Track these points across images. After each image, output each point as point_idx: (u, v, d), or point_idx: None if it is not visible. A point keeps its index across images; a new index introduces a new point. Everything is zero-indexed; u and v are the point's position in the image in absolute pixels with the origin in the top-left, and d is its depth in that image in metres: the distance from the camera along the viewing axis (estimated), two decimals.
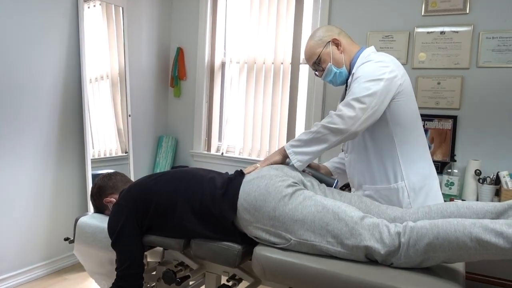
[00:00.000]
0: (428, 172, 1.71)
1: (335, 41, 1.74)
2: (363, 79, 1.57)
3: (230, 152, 3.65)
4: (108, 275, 1.79)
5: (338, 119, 1.51)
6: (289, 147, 1.59)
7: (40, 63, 2.70)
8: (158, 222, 1.60)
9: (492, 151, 2.71)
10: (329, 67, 1.75)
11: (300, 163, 1.57)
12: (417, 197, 1.67)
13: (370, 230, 1.31)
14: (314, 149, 1.55)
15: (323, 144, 1.54)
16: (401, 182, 1.66)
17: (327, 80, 1.81)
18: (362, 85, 1.55)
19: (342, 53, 1.75)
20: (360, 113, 1.51)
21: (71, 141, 2.97)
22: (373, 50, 1.76)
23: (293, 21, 3.29)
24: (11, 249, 2.66)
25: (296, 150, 1.58)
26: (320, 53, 1.75)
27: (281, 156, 1.63)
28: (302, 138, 1.57)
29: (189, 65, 3.77)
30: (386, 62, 1.62)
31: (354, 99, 1.52)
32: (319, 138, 1.54)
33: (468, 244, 1.19)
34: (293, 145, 1.59)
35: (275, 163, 1.62)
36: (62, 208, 2.96)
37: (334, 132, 1.52)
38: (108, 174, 1.91)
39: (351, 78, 1.68)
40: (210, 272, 1.73)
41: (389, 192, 1.69)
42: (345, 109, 1.52)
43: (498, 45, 2.65)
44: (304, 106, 3.31)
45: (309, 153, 1.56)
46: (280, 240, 1.42)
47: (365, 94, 1.52)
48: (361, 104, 1.51)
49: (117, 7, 3.22)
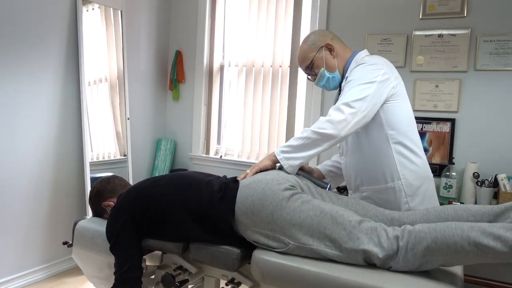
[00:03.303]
0: (425, 172, 1.72)
1: (328, 46, 1.75)
2: (355, 82, 1.58)
3: (229, 155, 3.66)
4: (106, 279, 1.79)
5: (328, 124, 1.52)
6: (279, 153, 1.60)
7: (38, 65, 2.70)
8: (156, 225, 1.60)
9: (490, 154, 2.71)
10: (322, 72, 1.76)
11: (291, 168, 1.58)
12: (415, 196, 1.67)
13: (368, 234, 1.32)
14: (304, 154, 1.56)
15: (314, 149, 1.55)
16: (397, 181, 1.66)
17: (320, 85, 1.82)
18: (354, 89, 1.56)
19: (335, 58, 1.76)
20: (350, 117, 1.51)
21: (70, 144, 2.97)
22: (366, 53, 1.77)
23: (291, 24, 3.29)
24: (10, 253, 2.65)
25: (287, 155, 1.58)
26: (313, 58, 1.76)
27: (270, 161, 1.63)
28: (292, 144, 1.57)
29: (188, 68, 3.77)
30: (379, 64, 1.63)
31: (344, 103, 1.53)
32: (309, 144, 1.54)
33: (466, 248, 1.19)
34: (283, 151, 1.59)
35: (265, 169, 1.62)
36: (61, 211, 2.96)
37: (324, 137, 1.52)
38: (107, 178, 1.91)
39: (345, 81, 1.69)
40: (209, 276, 1.72)
41: (386, 191, 1.69)
42: (334, 113, 1.52)
43: (496, 48, 2.66)
44: (302, 109, 3.31)
45: (299, 158, 1.57)
46: (279, 244, 1.42)
47: (356, 98, 1.53)
48: (351, 108, 1.52)
49: (115, 10, 3.22)
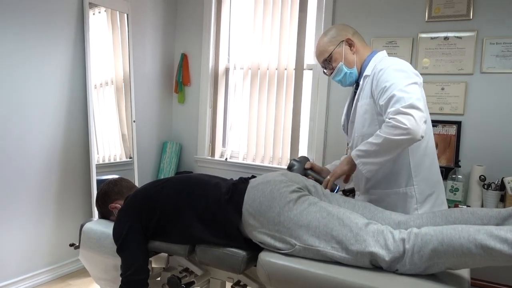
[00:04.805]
0: (437, 179, 1.71)
1: (348, 41, 1.73)
2: (400, 84, 1.52)
3: (234, 158, 3.66)
4: (113, 281, 1.80)
5: (399, 130, 1.46)
6: (356, 158, 1.59)
7: (45, 69, 2.72)
8: (163, 228, 1.61)
9: (496, 156, 2.70)
10: (340, 67, 1.74)
11: (370, 172, 1.58)
12: (424, 203, 1.66)
13: (374, 236, 1.31)
14: (381, 159, 1.54)
15: (390, 154, 1.52)
16: (410, 187, 1.66)
17: (336, 80, 1.79)
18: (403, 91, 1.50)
19: (354, 53, 1.74)
20: (418, 116, 1.46)
21: (76, 146, 2.98)
22: (385, 54, 1.76)
23: (296, 27, 3.30)
24: (16, 255, 2.67)
25: (364, 160, 1.57)
26: (332, 51, 1.73)
27: (350, 165, 1.63)
28: (368, 149, 1.55)
29: (193, 71, 3.79)
30: (407, 65, 1.62)
31: (407, 106, 1.46)
32: (384, 150, 1.52)
33: (473, 251, 1.19)
34: (359, 155, 1.58)
35: (345, 173, 1.64)
36: (67, 213, 2.98)
37: (398, 142, 1.48)
38: (114, 180, 1.92)
39: (365, 80, 1.68)
40: (214, 278, 1.73)
41: (397, 196, 1.68)
42: (402, 118, 1.46)
43: (502, 51, 2.65)
44: (308, 111, 3.31)
45: (376, 163, 1.55)
46: (285, 246, 1.42)
47: (413, 98, 1.48)
48: (413, 108, 1.46)
49: (122, 14, 3.24)
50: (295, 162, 1.88)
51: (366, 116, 1.69)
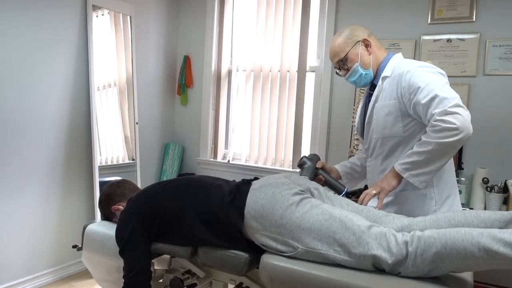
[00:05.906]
0: (454, 181, 1.70)
1: (365, 41, 1.71)
2: (439, 84, 1.50)
3: (237, 160, 3.66)
4: (115, 282, 1.80)
5: (450, 132, 1.43)
6: (403, 171, 1.54)
7: (49, 71, 2.73)
8: (165, 229, 1.61)
9: (499, 159, 2.70)
10: (355, 68, 1.71)
11: (423, 184, 1.54)
12: (444, 205, 1.65)
13: (377, 239, 1.31)
14: (433, 167, 1.50)
15: (444, 159, 1.49)
16: (430, 189, 1.64)
17: (351, 81, 1.76)
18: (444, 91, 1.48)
19: (370, 54, 1.72)
20: (465, 114, 1.44)
21: (79, 148, 2.99)
22: (402, 57, 1.74)
23: (299, 29, 3.30)
24: (19, 256, 2.68)
25: (414, 172, 1.52)
26: (348, 52, 1.70)
27: (397, 179, 1.57)
28: (416, 160, 1.51)
29: (196, 73, 3.79)
30: (433, 66, 1.61)
31: (454, 105, 1.44)
32: (437, 156, 1.48)
33: (476, 254, 1.18)
34: (406, 168, 1.53)
35: (394, 188, 1.58)
36: (70, 215, 2.98)
37: (453, 144, 1.45)
38: (116, 182, 1.92)
39: (385, 81, 1.66)
40: (217, 280, 1.73)
41: (415, 198, 1.66)
42: (451, 118, 1.43)
43: (505, 53, 2.65)
44: (310, 113, 3.32)
45: (429, 172, 1.51)
46: (287, 248, 1.42)
47: (454, 97, 1.46)
48: (460, 107, 1.44)
49: (125, 16, 3.25)
50: (306, 159, 1.84)
51: (389, 118, 1.65)
